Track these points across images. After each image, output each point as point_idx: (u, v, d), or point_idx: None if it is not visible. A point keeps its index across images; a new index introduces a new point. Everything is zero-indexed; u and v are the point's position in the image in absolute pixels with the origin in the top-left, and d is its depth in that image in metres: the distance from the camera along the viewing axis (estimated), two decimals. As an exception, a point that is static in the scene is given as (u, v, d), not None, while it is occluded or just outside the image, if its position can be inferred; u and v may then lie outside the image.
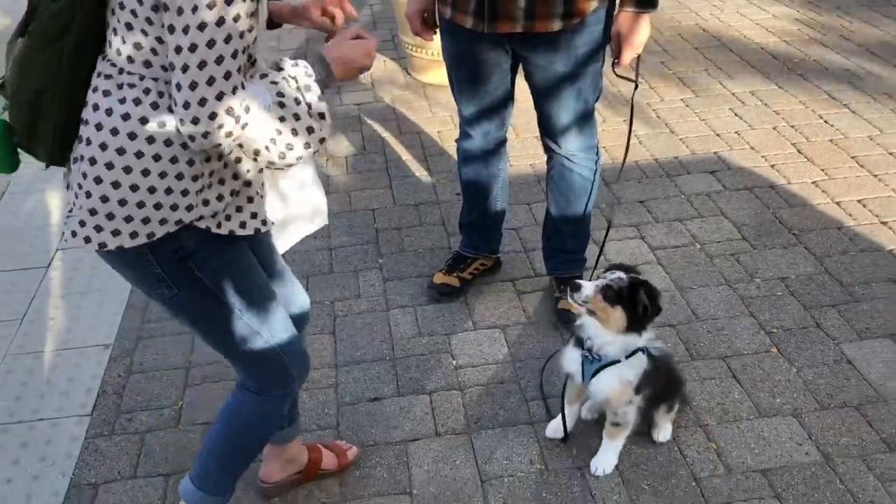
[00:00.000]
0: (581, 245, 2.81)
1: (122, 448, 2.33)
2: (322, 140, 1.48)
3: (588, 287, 2.00)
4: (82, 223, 1.47)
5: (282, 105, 1.43)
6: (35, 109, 1.45)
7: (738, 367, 2.52)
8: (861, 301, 2.78)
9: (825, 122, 3.98)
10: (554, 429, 2.29)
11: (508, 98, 2.61)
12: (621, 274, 2.00)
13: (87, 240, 1.47)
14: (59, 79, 1.43)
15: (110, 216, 1.44)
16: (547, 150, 2.65)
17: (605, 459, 2.18)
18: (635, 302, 1.96)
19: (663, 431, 2.26)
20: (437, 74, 4.29)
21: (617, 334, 2.01)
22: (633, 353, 2.05)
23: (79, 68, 1.44)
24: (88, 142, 1.43)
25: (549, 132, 2.58)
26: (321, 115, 1.47)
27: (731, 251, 3.08)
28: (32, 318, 2.89)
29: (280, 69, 1.46)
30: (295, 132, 1.44)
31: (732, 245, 3.12)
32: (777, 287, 2.88)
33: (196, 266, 1.56)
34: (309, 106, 1.45)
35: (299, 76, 1.46)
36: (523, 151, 3.80)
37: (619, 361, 2.04)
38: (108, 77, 1.43)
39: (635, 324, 2.00)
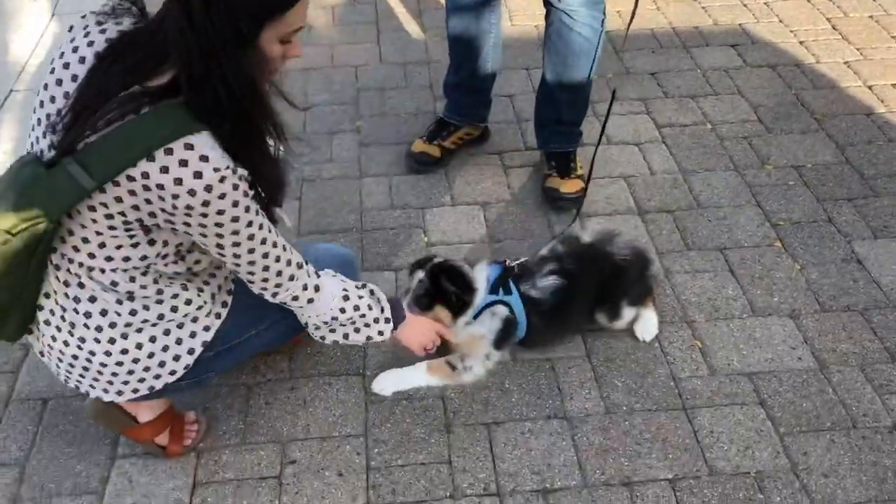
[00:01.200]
0: (578, 116, 2.52)
1: None
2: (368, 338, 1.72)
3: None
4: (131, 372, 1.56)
5: (346, 298, 1.63)
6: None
7: (737, 260, 2.30)
8: (881, 196, 2.52)
9: (867, -5, 3.57)
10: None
11: (505, -62, 2.26)
12: (420, 274, 1.91)
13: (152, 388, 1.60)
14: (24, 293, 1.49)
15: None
16: (546, 2, 2.32)
17: (390, 380, 1.97)
18: (445, 292, 1.88)
19: (648, 329, 2.05)
20: (441, -81, 3.84)
21: (454, 323, 1.92)
22: (480, 312, 1.92)
23: (39, 277, 1.49)
24: (99, 329, 1.51)
25: (548, -20, 2.25)
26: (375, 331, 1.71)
27: (745, 134, 2.79)
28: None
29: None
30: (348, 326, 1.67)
31: (746, 127, 2.82)
32: (790, 175, 2.60)
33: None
34: (369, 311, 1.67)
35: (378, 298, 1.71)
36: (528, 10, 3.43)
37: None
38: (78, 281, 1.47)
39: (459, 309, 1.90)
